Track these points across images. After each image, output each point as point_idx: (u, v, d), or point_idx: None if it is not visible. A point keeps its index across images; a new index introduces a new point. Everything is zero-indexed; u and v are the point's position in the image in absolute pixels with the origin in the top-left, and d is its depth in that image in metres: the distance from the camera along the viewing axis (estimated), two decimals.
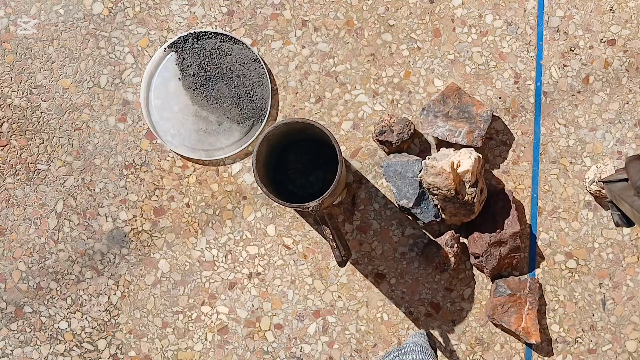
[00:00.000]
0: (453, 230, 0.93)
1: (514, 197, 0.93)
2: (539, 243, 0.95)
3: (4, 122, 0.98)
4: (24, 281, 0.97)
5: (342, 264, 0.81)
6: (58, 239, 0.97)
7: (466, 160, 0.87)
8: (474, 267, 0.95)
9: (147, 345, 0.96)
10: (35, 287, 0.97)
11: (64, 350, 0.96)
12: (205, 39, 0.96)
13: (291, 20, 0.98)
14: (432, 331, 0.95)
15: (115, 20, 0.99)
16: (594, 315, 0.94)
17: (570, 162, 0.96)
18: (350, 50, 0.98)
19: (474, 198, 0.88)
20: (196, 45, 0.97)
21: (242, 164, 0.97)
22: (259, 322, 0.96)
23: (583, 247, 0.95)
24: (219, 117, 0.97)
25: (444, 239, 0.92)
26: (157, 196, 0.97)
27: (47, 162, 0.98)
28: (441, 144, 0.96)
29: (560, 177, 0.96)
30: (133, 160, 0.98)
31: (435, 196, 0.89)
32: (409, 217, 0.96)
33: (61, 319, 0.97)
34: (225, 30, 0.98)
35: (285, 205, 0.79)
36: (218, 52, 0.96)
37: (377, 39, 0.98)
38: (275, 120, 0.98)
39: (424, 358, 0.83)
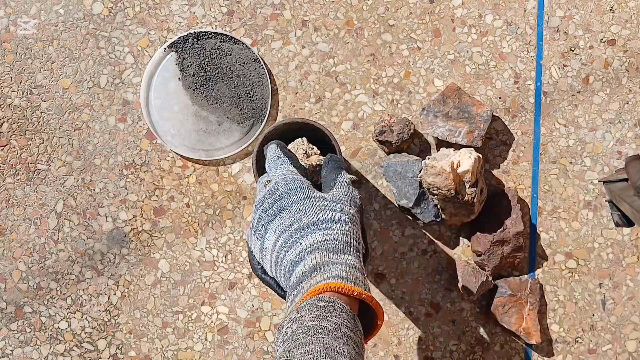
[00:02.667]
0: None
1: (518, 197, 0.93)
2: (539, 243, 0.95)
3: (4, 122, 0.98)
4: (24, 281, 0.97)
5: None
6: (58, 239, 0.97)
7: (466, 160, 0.87)
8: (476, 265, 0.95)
9: (147, 345, 0.96)
10: (35, 287, 0.97)
11: (64, 350, 0.96)
12: (205, 39, 0.96)
13: (291, 20, 0.98)
14: (431, 331, 0.95)
15: (115, 20, 0.99)
16: (594, 315, 0.94)
17: (570, 162, 0.96)
18: (350, 50, 0.98)
19: (474, 198, 0.88)
20: (196, 45, 0.97)
21: (242, 164, 0.97)
22: (259, 322, 0.96)
23: (583, 247, 0.95)
24: (219, 117, 0.97)
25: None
26: (157, 196, 0.97)
27: (47, 162, 0.98)
28: (441, 144, 0.96)
29: (560, 177, 0.96)
30: (133, 160, 0.98)
31: (435, 196, 0.89)
32: (409, 217, 0.95)
33: (61, 319, 0.97)
34: (225, 30, 0.98)
35: None
36: (218, 52, 0.96)
37: (377, 39, 0.98)
38: (276, 120, 0.98)
39: (300, 196, 0.62)
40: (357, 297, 0.54)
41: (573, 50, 0.97)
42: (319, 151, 0.78)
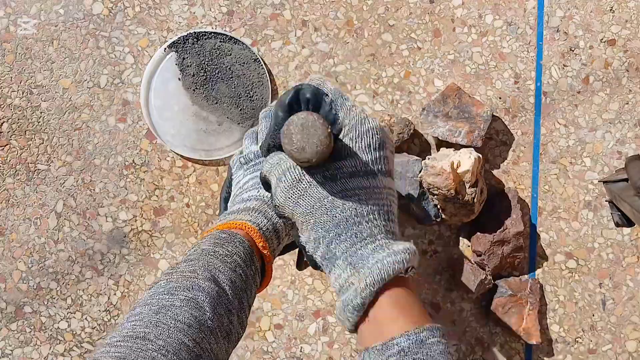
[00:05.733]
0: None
1: (518, 197, 0.93)
2: (539, 243, 0.95)
3: (4, 122, 0.98)
4: (24, 281, 0.97)
5: (300, 267, 0.77)
6: (58, 239, 0.97)
7: (466, 160, 0.87)
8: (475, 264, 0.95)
9: None
10: (35, 287, 0.97)
11: (64, 350, 0.96)
12: (205, 39, 0.96)
13: (291, 20, 0.98)
14: None
15: (115, 20, 0.99)
16: (594, 315, 0.94)
17: (570, 162, 0.96)
18: (350, 50, 0.98)
19: (474, 198, 0.88)
20: (196, 45, 0.96)
21: None
22: (259, 322, 0.96)
23: (583, 247, 0.95)
24: (219, 117, 0.97)
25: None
26: (157, 196, 0.97)
27: (47, 162, 0.98)
28: (441, 144, 0.96)
29: (560, 177, 0.96)
30: (133, 160, 0.98)
31: (435, 196, 0.89)
32: (409, 216, 0.95)
33: (61, 319, 0.97)
34: (225, 30, 0.98)
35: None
36: (218, 52, 0.96)
37: (377, 39, 0.98)
38: None
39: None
40: (241, 228, 0.55)
41: (573, 50, 0.97)
42: None
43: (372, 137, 0.50)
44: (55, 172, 0.98)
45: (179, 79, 0.97)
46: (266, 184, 0.54)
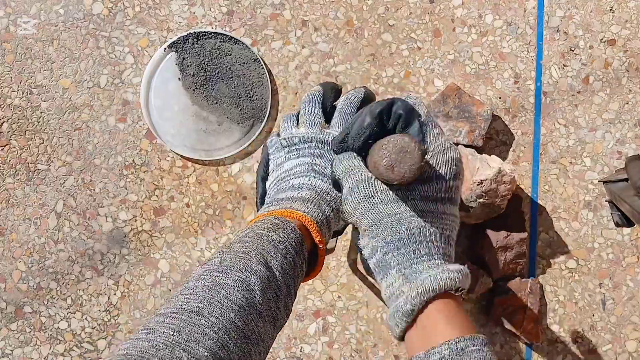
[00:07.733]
0: None
1: (521, 199, 0.93)
2: (539, 243, 0.95)
3: (4, 122, 0.98)
4: (24, 281, 0.97)
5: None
6: (58, 239, 0.97)
7: (486, 168, 0.87)
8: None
9: None
10: (35, 287, 0.97)
11: (64, 350, 0.96)
12: (205, 39, 0.96)
13: (291, 20, 0.98)
14: None
15: (115, 20, 0.99)
16: (594, 315, 0.94)
17: (570, 162, 0.96)
18: (350, 50, 0.98)
19: (473, 206, 0.88)
20: (196, 45, 0.96)
21: (242, 164, 0.97)
22: None
23: (583, 247, 0.95)
24: (219, 117, 0.97)
25: None
26: (157, 196, 0.97)
27: (47, 162, 0.98)
28: None
29: (560, 177, 0.96)
30: (133, 160, 0.98)
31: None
32: None
33: (61, 319, 0.97)
34: (225, 30, 0.98)
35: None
36: (218, 52, 0.96)
37: (377, 39, 0.98)
38: (275, 120, 0.98)
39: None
40: (298, 219, 0.56)
41: (573, 50, 0.97)
42: None
43: (450, 168, 0.52)
44: (55, 172, 0.98)
45: (179, 79, 0.97)
46: (336, 184, 0.56)
